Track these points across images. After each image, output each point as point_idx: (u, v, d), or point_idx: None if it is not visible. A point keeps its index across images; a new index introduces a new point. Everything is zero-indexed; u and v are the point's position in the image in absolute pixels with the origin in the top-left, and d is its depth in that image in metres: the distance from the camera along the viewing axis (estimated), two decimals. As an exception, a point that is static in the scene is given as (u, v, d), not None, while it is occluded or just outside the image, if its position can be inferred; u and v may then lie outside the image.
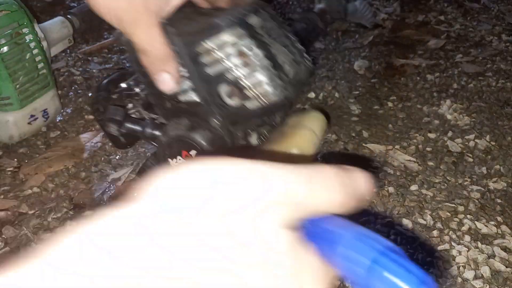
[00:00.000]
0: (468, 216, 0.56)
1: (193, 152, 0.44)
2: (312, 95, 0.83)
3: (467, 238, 0.53)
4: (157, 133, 0.47)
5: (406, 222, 0.54)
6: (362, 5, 1.20)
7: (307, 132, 0.46)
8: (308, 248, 0.21)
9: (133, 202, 0.18)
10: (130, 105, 0.51)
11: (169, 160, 0.46)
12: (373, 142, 0.70)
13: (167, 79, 0.42)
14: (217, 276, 0.17)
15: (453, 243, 0.52)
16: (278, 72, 0.41)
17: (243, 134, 0.49)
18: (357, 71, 0.92)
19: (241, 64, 0.41)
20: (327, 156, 0.67)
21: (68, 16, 0.85)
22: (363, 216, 0.55)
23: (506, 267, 0.49)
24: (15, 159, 0.67)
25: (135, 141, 0.56)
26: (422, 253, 0.51)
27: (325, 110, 0.84)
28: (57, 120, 0.75)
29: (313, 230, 0.22)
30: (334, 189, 0.20)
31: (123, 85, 0.52)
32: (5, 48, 0.63)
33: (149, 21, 0.40)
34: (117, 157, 0.67)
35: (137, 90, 0.52)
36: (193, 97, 0.45)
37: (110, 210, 0.17)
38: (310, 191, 0.20)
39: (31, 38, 0.67)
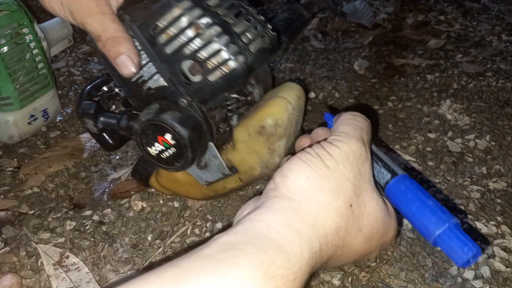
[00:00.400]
0: (468, 216, 0.56)
1: (168, 136, 0.44)
2: (312, 95, 0.83)
3: (467, 238, 0.53)
4: (131, 123, 0.47)
5: (406, 222, 0.54)
6: (362, 5, 1.20)
7: (279, 100, 0.46)
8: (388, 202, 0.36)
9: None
10: (113, 107, 0.51)
11: (148, 149, 0.46)
12: (373, 142, 0.70)
13: (126, 61, 0.43)
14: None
15: (453, 243, 0.52)
16: (234, 39, 0.41)
17: (222, 116, 0.49)
18: (357, 71, 0.92)
19: (196, 36, 0.41)
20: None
21: (68, 16, 0.85)
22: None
23: (506, 267, 0.49)
24: (15, 159, 0.67)
25: (123, 142, 0.56)
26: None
27: (302, 79, 0.86)
28: (57, 120, 0.75)
29: (395, 188, 0.35)
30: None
31: (105, 88, 0.52)
32: (5, 48, 0.63)
33: (100, 9, 0.43)
34: (117, 157, 0.67)
35: (117, 90, 0.52)
36: (161, 81, 0.45)
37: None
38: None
39: (31, 38, 0.67)
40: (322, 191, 0.31)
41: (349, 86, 0.87)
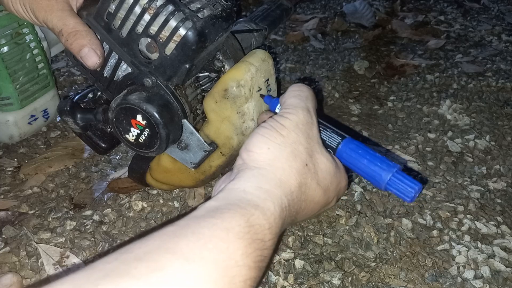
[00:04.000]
0: (468, 216, 0.56)
1: (139, 117, 0.44)
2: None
3: (467, 238, 0.53)
4: (106, 114, 0.48)
5: (406, 222, 0.55)
6: (362, 5, 1.20)
7: (240, 63, 0.46)
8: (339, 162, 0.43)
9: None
10: (100, 109, 0.51)
11: (127, 136, 0.46)
12: (373, 142, 0.70)
13: (89, 53, 0.44)
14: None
15: (453, 243, 0.52)
16: (180, 7, 0.41)
17: (197, 96, 0.49)
18: (357, 71, 0.92)
19: (143, 11, 0.42)
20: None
21: (68, 16, 0.85)
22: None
23: (506, 267, 0.49)
24: (15, 159, 0.67)
25: (114, 144, 0.56)
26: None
27: (271, 47, 0.87)
28: (57, 120, 0.75)
29: (347, 147, 0.42)
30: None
31: (90, 95, 0.53)
32: (5, 48, 0.63)
33: (59, 6, 0.45)
34: (117, 157, 0.67)
35: (99, 93, 0.53)
36: (127, 68, 0.46)
37: None
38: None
39: (31, 38, 0.67)
40: (282, 156, 0.37)
41: (349, 86, 0.87)
